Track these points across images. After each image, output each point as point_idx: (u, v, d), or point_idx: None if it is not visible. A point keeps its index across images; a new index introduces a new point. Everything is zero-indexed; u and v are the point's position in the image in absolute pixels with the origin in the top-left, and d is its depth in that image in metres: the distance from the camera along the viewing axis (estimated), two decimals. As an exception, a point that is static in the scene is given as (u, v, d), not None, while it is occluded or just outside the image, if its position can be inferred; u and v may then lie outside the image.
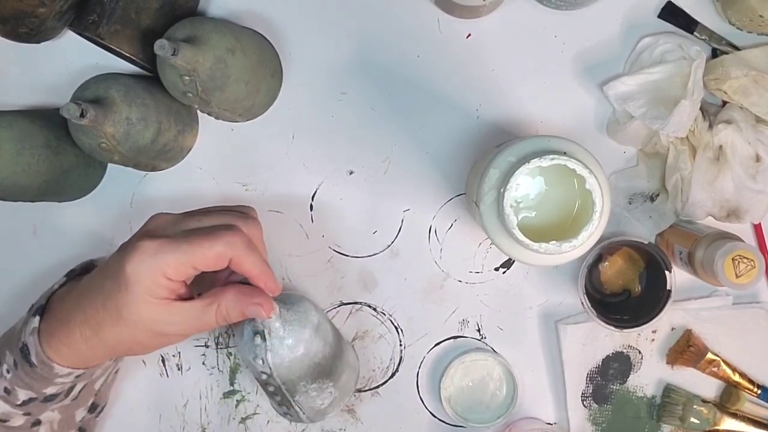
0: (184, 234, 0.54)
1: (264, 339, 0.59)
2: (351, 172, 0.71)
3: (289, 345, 0.60)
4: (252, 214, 0.61)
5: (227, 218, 0.57)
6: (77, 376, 0.58)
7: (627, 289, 0.70)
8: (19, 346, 0.57)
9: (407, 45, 0.70)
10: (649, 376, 0.71)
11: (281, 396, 0.62)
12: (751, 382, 0.70)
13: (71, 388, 0.60)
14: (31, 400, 0.58)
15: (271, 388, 0.62)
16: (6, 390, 0.58)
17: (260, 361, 0.60)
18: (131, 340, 0.55)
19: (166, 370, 0.72)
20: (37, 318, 0.57)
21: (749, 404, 0.70)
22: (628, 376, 0.71)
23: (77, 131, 0.61)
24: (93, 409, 0.64)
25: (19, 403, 0.58)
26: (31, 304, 0.60)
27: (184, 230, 0.55)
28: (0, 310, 0.71)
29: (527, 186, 0.60)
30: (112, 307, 0.54)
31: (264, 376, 0.61)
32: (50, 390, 0.58)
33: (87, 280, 0.57)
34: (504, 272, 0.72)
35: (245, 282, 0.58)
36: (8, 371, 0.57)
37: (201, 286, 0.58)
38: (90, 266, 0.65)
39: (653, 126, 0.66)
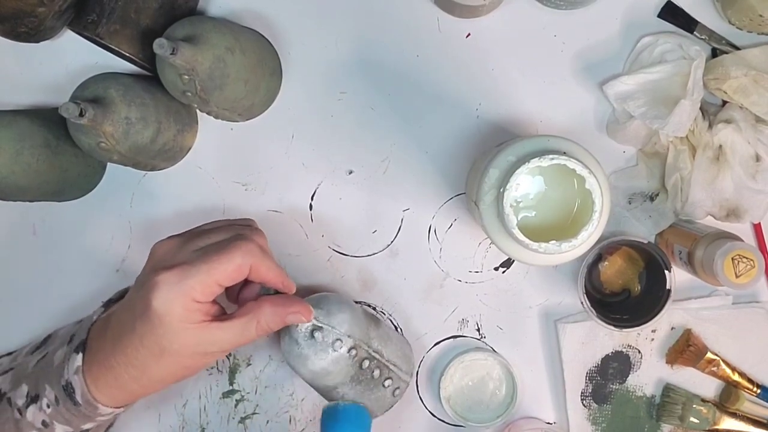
0: (199, 255, 0.54)
1: (320, 329, 0.60)
2: (350, 172, 0.71)
3: (338, 320, 0.61)
4: (254, 225, 0.61)
5: (234, 230, 0.57)
6: (117, 414, 0.59)
7: (627, 288, 0.70)
8: (62, 384, 0.56)
9: (407, 44, 0.70)
10: (648, 376, 0.71)
11: (373, 360, 0.63)
12: (750, 381, 0.70)
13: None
14: None
15: (364, 363, 0.62)
16: (44, 423, 0.57)
17: (336, 345, 0.60)
18: (179, 368, 0.55)
19: (165, 369, 0.72)
20: (80, 356, 0.56)
21: (749, 404, 0.70)
22: (627, 376, 0.71)
23: (76, 131, 0.61)
24: (109, 427, 0.65)
25: None
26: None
27: (196, 251, 0.55)
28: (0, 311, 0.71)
29: (527, 185, 0.59)
30: (151, 344, 0.53)
31: (351, 353, 0.61)
32: (88, 425, 0.58)
33: (116, 319, 0.57)
34: (504, 272, 0.72)
35: (264, 292, 0.59)
36: (48, 406, 0.57)
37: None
38: (125, 293, 0.65)
39: (653, 126, 0.66)
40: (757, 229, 0.70)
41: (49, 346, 0.61)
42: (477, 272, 0.72)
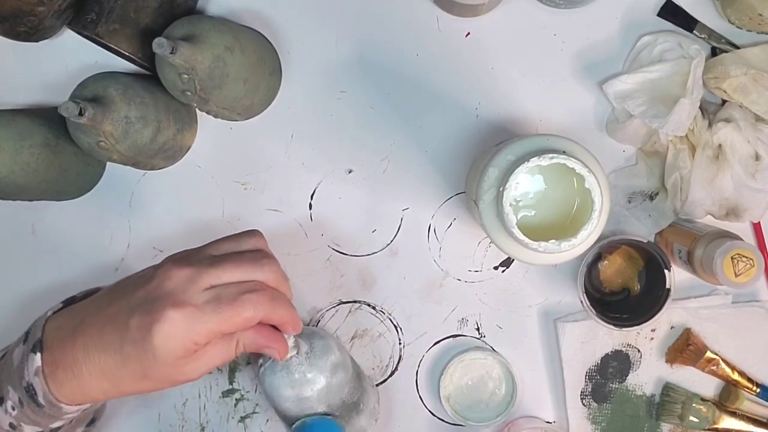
0: (210, 302, 0.53)
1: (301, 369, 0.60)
2: (350, 171, 0.71)
3: (309, 378, 0.60)
4: (264, 249, 0.59)
5: (246, 270, 0.55)
6: (85, 410, 0.58)
7: (626, 287, 0.70)
8: (24, 386, 0.55)
9: (406, 44, 0.70)
10: (648, 375, 0.71)
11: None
12: (750, 380, 0.70)
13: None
14: None
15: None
16: (11, 425, 0.57)
17: (308, 390, 0.60)
18: (153, 388, 0.55)
19: (165, 369, 0.72)
20: (39, 356, 0.54)
21: (748, 403, 0.70)
22: (627, 375, 0.71)
23: (76, 130, 0.61)
24: (92, 422, 0.64)
25: None
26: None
27: (207, 292, 0.53)
28: (-1, 310, 0.71)
29: (526, 185, 0.59)
30: (135, 369, 0.52)
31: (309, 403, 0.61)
32: (57, 424, 0.57)
33: (94, 329, 0.54)
34: (503, 271, 0.72)
35: None
36: (13, 408, 0.56)
37: None
38: (92, 293, 0.64)
39: (652, 125, 0.66)
40: (757, 228, 0.70)
41: (11, 344, 0.59)
42: (477, 271, 0.72)
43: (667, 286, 0.65)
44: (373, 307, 0.72)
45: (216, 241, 0.58)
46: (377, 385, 0.72)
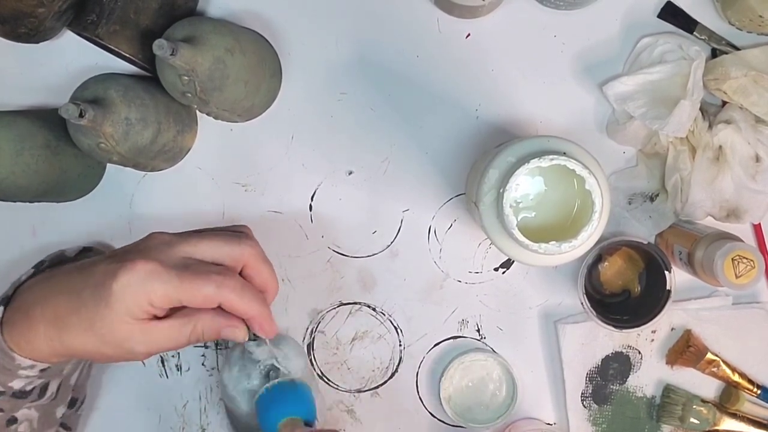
0: (177, 267, 0.53)
1: (266, 377, 0.59)
2: (350, 173, 0.71)
3: (294, 366, 0.60)
4: (247, 234, 0.60)
5: (225, 245, 0.56)
6: (42, 370, 0.57)
7: (627, 289, 0.70)
8: None
9: (407, 45, 0.70)
10: (648, 377, 0.71)
11: None
12: (750, 382, 0.70)
13: (45, 387, 0.59)
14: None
15: None
16: None
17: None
18: (95, 351, 0.54)
19: (165, 371, 0.72)
20: (1, 309, 0.56)
21: (749, 404, 0.70)
22: (627, 377, 0.71)
23: (76, 131, 0.61)
24: (72, 404, 0.63)
25: None
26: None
27: (180, 259, 0.54)
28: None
29: (527, 186, 0.59)
30: (85, 316, 0.52)
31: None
32: (17, 384, 0.56)
33: (63, 276, 0.56)
34: (503, 272, 0.72)
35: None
36: None
37: None
38: (60, 257, 0.64)
39: (653, 126, 0.66)
40: (757, 229, 0.70)
41: None
42: (477, 273, 0.72)
43: (668, 288, 0.65)
44: (374, 309, 0.72)
45: (204, 228, 0.60)
46: (377, 387, 0.72)
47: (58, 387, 0.60)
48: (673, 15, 0.69)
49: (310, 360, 0.72)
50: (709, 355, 0.69)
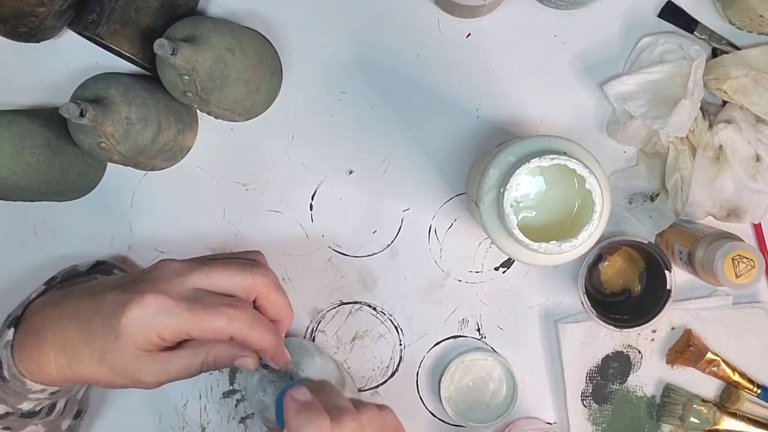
0: (188, 299, 0.52)
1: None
2: (351, 172, 0.71)
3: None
4: (260, 261, 0.59)
5: (236, 275, 0.55)
6: (52, 393, 0.57)
7: (627, 288, 0.70)
8: None
9: (407, 44, 0.70)
10: (649, 376, 0.71)
11: None
12: (750, 381, 0.70)
13: (53, 406, 0.59)
14: (8, 414, 0.56)
15: None
16: None
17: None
18: (106, 380, 0.54)
19: (165, 369, 0.72)
20: (12, 330, 0.55)
21: (749, 404, 0.70)
22: (627, 376, 0.71)
23: (77, 131, 0.61)
24: (77, 415, 0.63)
25: None
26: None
27: (190, 291, 0.53)
28: (-1, 310, 0.71)
29: (527, 186, 0.59)
30: (95, 347, 0.52)
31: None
32: (26, 406, 0.56)
33: (73, 300, 0.55)
34: (504, 272, 0.72)
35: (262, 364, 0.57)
36: None
37: None
38: (73, 272, 0.64)
39: (653, 126, 0.66)
40: (758, 229, 0.70)
41: None
42: (477, 272, 0.72)
43: (668, 287, 0.65)
44: (374, 308, 0.72)
45: (216, 254, 0.59)
46: (377, 386, 0.72)
47: (66, 403, 0.60)
48: (673, 14, 0.69)
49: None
50: (710, 355, 0.69)
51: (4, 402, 0.56)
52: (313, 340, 0.72)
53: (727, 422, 0.70)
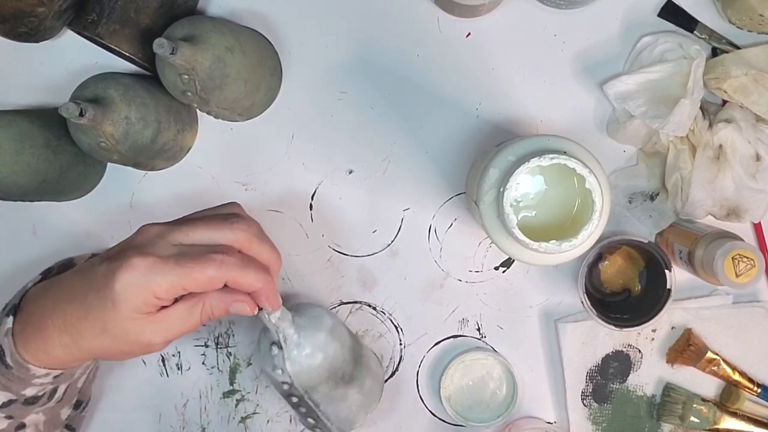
0: (176, 254, 0.53)
1: (280, 348, 0.60)
2: (350, 172, 0.71)
3: (306, 353, 0.60)
4: (239, 213, 0.59)
5: (216, 232, 0.55)
6: (56, 377, 0.57)
7: (627, 288, 0.70)
8: None
9: (407, 44, 0.70)
10: (649, 375, 0.71)
11: (306, 407, 0.62)
12: (751, 381, 0.70)
13: (54, 390, 0.59)
14: (11, 402, 0.57)
15: (294, 399, 0.62)
16: None
17: (279, 371, 0.60)
18: (114, 350, 0.55)
19: (166, 369, 0.72)
20: (11, 318, 0.56)
21: (749, 403, 0.70)
22: (628, 375, 0.71)
23: (76, 131, 0.61)
24: (78, 405, 0.64)
25: None
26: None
27: (175, 247, 0.54)
28: (-1, 310, 0.71)
29: (527, 185, 0.59)
30: (95, 320, 0.53)
31: (286, 386, 0.61)
32: (29, 392, 0.57)
33: (66, 283, 0.56)
34: (504, 271, 0.72)
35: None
36: None
37: None
38: (69, 264, 0.64)
39: (653, 125, 0.66)
40: (758, 228, 0.70)
41: None
42: (477, 272, 0.72)
43: (668, 287, 0.65)
44: (374, 308, 0.72)
45: (194, 213, 0.59)
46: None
47: (66, 389, 0.61)
48: (673, 14, 0.69)
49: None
50: (710, 354, 0.69)
51: (8, 389, 0.56)
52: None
53: (727, 421, 0.70)
